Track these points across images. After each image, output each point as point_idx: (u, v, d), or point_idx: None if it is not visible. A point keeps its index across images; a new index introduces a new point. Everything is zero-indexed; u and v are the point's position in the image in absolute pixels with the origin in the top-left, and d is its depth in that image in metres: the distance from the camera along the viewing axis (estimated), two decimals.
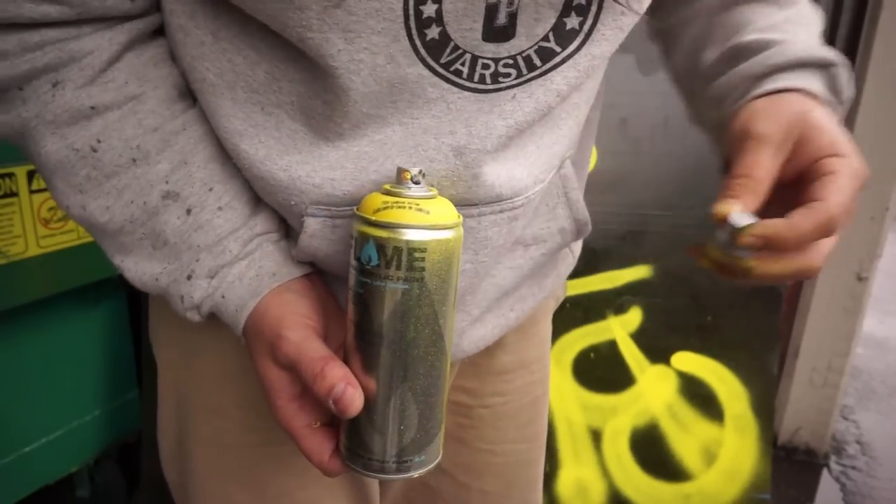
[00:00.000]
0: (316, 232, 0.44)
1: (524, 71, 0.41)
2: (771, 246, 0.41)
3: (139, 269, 0.46)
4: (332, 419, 0.43)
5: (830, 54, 0.47)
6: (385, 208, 0.38)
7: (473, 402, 0.64)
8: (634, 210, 1.50)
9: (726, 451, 1.50)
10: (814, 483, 1.92)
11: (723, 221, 0.41)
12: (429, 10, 0.37)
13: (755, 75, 0.47)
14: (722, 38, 0.52)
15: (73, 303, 1.05)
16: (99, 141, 0.43)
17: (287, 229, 0.48)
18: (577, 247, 0.63)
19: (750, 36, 0.49)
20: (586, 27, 0.41)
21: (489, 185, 0.44)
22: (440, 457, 0.43)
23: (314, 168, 0.43)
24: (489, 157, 0.44)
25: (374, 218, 0.38)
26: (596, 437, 1.50)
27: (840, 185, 0.41)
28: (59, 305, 1.02)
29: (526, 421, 0.67)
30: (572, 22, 0.40)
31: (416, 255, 0.37)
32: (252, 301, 0.44)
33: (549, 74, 0.42)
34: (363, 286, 0.38)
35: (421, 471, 0.42)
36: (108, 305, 1.14)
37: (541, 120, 0.45)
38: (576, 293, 1.51)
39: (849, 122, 1.76)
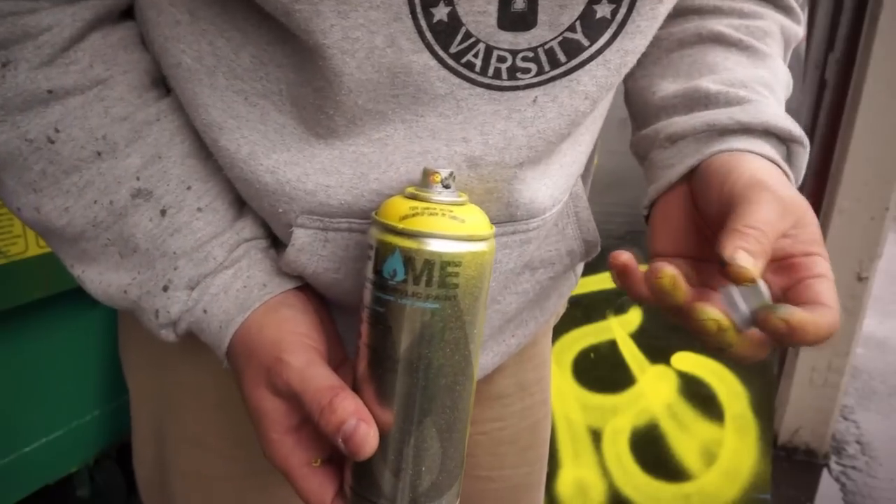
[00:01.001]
0: (305, 246, 0.39)
1: (546, 67, 0.36)
2: (790, 337, 0.33)
3: (104, 280, 0.40)
4: (333, 455, 0.37)
5: (797, 130, 0.42)
6: (413, 215, 0.32)
7: (470, 429, 0.62)
8: (634, 210, 1.50)
9: (726, 451, 1.49)
10: (814, 483, 1.92)
11: (749, 282, 0.33)
12: None
13: (722, 127, 0.42)
14: (685, 74, 0.47)
15: (73, 303, 1.04)
16: (57, 130, 0.37)
17: (274, 238, 0.43)
18: (580, 266, 0.60)
19: (716, 86, 0.44)
20: (620, 16, 0.35)
21: (504, 203, 0.40)
22: (458, 502, 0.37)
23: (305, 171, 0.38)
24: (507, 173, 0.39)
25: (401, 226, 0.32)
26: (596, 437, 1.50)
27: (834, 297, 0.35)
28: (59, 305, 1.02)
29: (526, 445, 0.63)
30: (603, 10, 0.35)
31: (450, 269, 0.32)
32: (240, 316, 0.38)
33: (576, 73, 0.37)
34: (384, 304, 0.33)
35: None
36: (107, 305, 1.14)
37: (567, 131, 0.40)
38: (576, 293, 1.50)
39: (849, 122, 1.76)
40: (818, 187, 1.89)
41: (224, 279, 0.39)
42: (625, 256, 0.37)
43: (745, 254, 0.32)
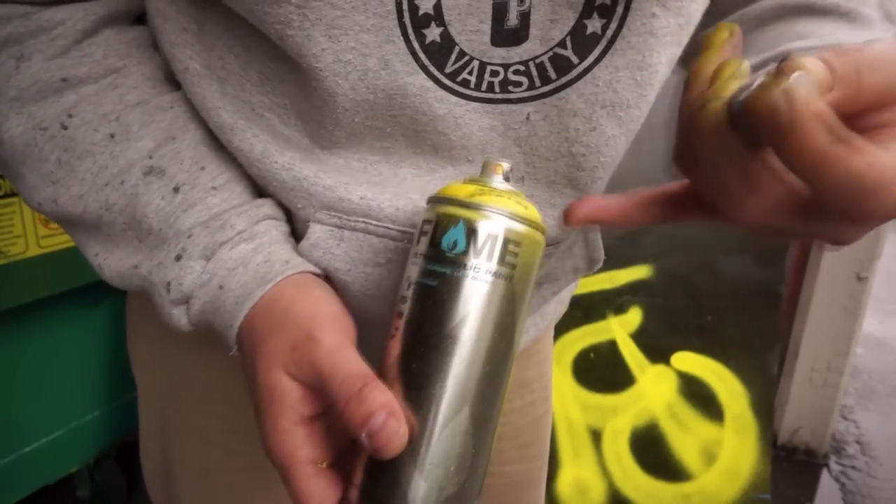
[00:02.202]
0: (319, 242, 0.38)
1: (537, 82, 0.36)
2: (789, 131, 0.23)
3: (119, 263, 0.38)
4: (338, 461, 0.33)
5: None
6: (481, 193, 0.32)
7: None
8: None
9: (726, 450, 1.50)
10: (813, 483, 1.92)
11: (786, 70, 0.23)
12: (425, 4, 0.32)
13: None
14: (769, 46, 0.40)
15: (73, 303, 1.04)
16: (70, 116, 0.36)
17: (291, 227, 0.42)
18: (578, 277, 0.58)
19: (808, 45, 0.38)
20: (610, 31, 0.35)
21: None
22: None
23: (322, 168, 0.37)
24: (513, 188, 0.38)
25: (468, 199, 0.32)
26: (596, 436, 1.50)
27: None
28: (59, 305, 1.02)
29: (527, 441, 0.63)
30: (594, 25, 0.34)
31: (511, 247, 0.31)
32: (259, 289, 0.35)
33: (564, 91, 0.36)
34: (437, 277, 0.31)
35: None
36: (108, 305, 1.14)
37: (564, 149, 0.38)
38: (576, 293, 1.50)
39: None
40: None
41: (243, 252, 0.36)
42: (578, 210, 0.34)
43: (820, 62, 0.24)
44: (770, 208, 0.27)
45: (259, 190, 0.41)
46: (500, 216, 0.31)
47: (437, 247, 0.31)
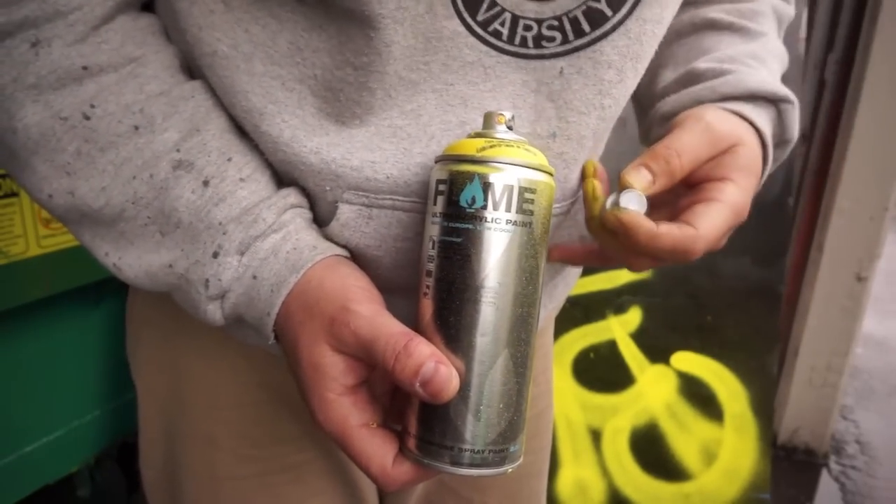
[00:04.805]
0: (349, 221, 0.39)
1: (570, 36, 0.37)
2: (623, 234, 0.38)
3: (143, 262, 0.38)
4: (386, 422, 0.36)
5: (782, 90, 0.45)
6: (491, 147, 0.33)
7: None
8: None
9: (726, 450, 1.50)
10: (813, 483, 1.92)
11: (622, 188, 0.40)
12: None
13: (705, 100, 0.46)
14: (683, 60, 0.50)
15: (73, 303, 1.04)
16: (93, 106, 0.36)
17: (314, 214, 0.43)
18: None
19: (707, 63, 0.48)
20: None
21: None
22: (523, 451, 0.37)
23: (348, 150, 0.38)
24: (540, 143, 0.40)
25: (479, 155, 0.33)
26: (596, 436, 1.50)
27: (718, 219, 0.40)
28: (59, 305, 1.01)
29: (530, 434, 0.61)
30: None
31: (527, 195, 0.33)
32: (293, 276, 0.36)
33: (599, 44, 0.38)
34: (461, 234, 0.33)
35: (514, 465, 0.35)
36: (108, 305, 1.14)
37: (596, 102, 0.40)
38: (576, 293, 1.51)
39: (848, 122, 1.76)
40: (818, 187, 1.89)
41: (273, 241, 0.38)
42: (559, 249, 0.47)
43: (643, 169, 0.40)
44: (636, 261, 0.43)
45: (279, 175, 0.41)
46: (513, 167, 0.33)
47: (455, 204, 0.33)
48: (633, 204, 0.39)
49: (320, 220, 0.42)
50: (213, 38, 0.37)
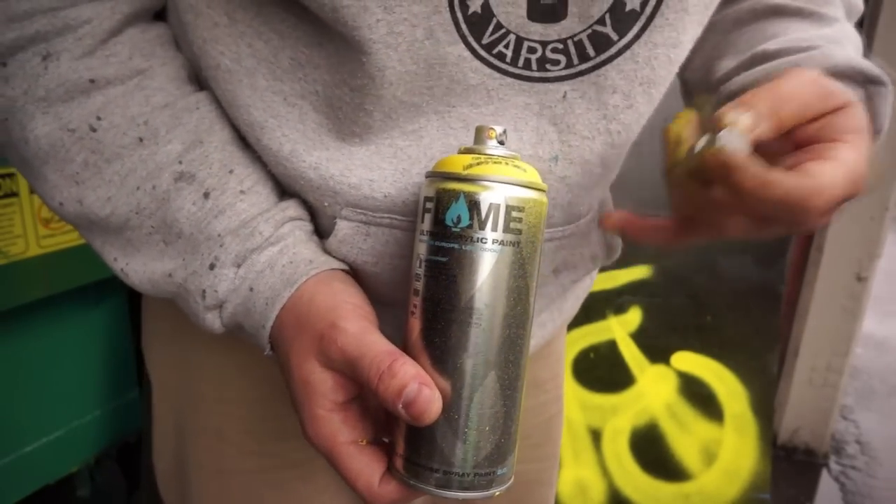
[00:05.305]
0: (347, 238, 0.39)
1: (575, 60, 0.36)
2: (725, 182, 0.33)
3: (147, 269, 0.39)
4: (377, 437, 0.36)
5: (875, 69, 0.40)
6: (478, 164, 0.32)
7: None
8: (634, 210, 1.50)
9: (726, 450, 1.50)
10: (813, 483, 1.92)
11: (718, 127, 0.33)
12: None
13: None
14: (745, 48, 0.45)
15: (73, 303, 1.04)
16: (99, 118, 0.37)
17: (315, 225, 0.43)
18: (596, 270, 0.59)
19: (778, 45, 0.43)
20: (649, 8, 0.35)
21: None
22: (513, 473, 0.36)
23: (348, 166, 0.38)
24: (542, 166, 0.39)
25: (465, 173, 0.32)
26: (596, 436, 1.50)
27: (837, 176, 0.33)
28: (59, 305, 1.02)
29: (539, 441, 0.62)
30: (633, 2, 0.35)
31: (514, 214, 0.32)
32: (286, 291, 0.37)
33: (603, 69, 0.37)
34: (447, 253, 0.32)
35: (501, 488, 0.34)
36: (108, 305, 1.14)
37: (601, 126, 0.39)
38: None
39: None
40: None
41: (270, 255, 0.38)
42: (615, 216, 0.41)
43: (744, 108, 0.33)
44: (731, 223, 0.37)
45: (282, 186, 0.41)
46: (500, 185, 0.32)
47: (441, 223, 0.32)
48: (734, 144, 0.32)
49: (321, 232, 0.42)
50: (216, 52, 0.38)
